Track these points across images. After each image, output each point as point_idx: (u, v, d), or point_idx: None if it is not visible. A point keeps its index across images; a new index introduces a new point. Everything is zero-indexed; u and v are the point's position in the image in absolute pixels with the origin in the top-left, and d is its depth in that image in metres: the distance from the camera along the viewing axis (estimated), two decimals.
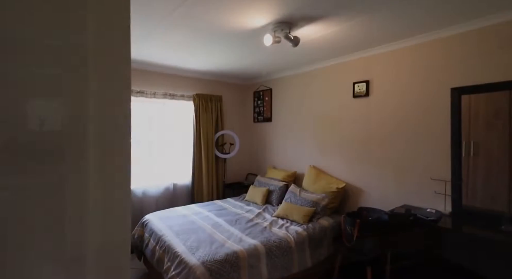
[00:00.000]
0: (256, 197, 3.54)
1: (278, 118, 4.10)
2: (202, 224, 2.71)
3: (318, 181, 3.28)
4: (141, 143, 3.59)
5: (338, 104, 3.24)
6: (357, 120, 3.04)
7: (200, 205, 3.40)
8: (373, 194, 2.89)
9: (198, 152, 3.97)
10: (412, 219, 2.21)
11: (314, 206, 2.95)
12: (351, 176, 3.10)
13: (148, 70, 3.59)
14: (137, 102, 3.52)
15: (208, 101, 4.07)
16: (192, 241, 2.31)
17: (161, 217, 2.90)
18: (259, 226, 2.71)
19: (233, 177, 4.54)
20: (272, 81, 4.19)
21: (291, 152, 3.88)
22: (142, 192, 3.56)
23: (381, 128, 2.81)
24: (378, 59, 2.83)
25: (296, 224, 2.77)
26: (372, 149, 2.89)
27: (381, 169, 2.81)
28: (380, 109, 2.82)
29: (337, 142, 3.25)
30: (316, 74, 3.49)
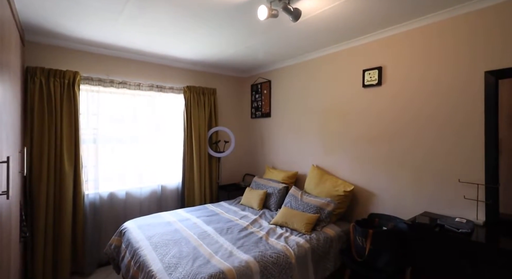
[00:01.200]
0: (253, 200, 3.15)
1: (278, 113, 3.70)
2: (187, 234, 2.33)
3: (322, 183, 2.88)
4: (124, 140, 3.21)
5: (345, 95, 2.84)
6: (367, 113, 2.64)
7: (189, 210, 3.01)
8: (386, 199, 2.49)
9: (189, 151, 3.59)
10: (438, 230, 1.82)
11: (318, 212, 2.56)
12: (360, 178, 2.70)
13: (132, 58, 3.21)
14: (118, 94, 3.14)
15: (200, 94, 3.68)
16: (171, 257, 1.92)
17: (141, 225, 2.52)
18: (253, 236, 2.32)
19: (229, 178, 4.16)
20: (271, 73, 3.79)
21: (292, 150, 3.49)
22: (125, 195, 3.18)
23: (396, 122, 2.41)
24: (393, 41, 2.43)
25: (297, 234, 2.37)
26: (386, 146, 2.49)
27: (396, 170, 2.41)
28: (395, 100, 2.42)
29: (345, 139, 2.85)
30: (320, 62, 3.10)
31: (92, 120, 2.98)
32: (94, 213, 2.97)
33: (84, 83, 2.88)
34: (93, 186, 2.96)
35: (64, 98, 2.69)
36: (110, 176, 3.11)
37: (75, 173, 2.77)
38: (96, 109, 2.99)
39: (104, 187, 3.05)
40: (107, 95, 3.08)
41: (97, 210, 2.98)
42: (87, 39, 2.71)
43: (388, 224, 2.32)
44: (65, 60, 2.79)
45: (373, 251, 2.10)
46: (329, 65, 2.99)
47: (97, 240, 2.97)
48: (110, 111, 3.10)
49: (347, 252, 2.36)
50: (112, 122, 3.11)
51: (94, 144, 2.97)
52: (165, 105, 3.53)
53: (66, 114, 2.71)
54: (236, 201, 3.42)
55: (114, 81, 3.06)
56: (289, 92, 3.51)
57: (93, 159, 2.97)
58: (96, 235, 2.98)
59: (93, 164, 2.97)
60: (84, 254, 2.83)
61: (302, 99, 3.33)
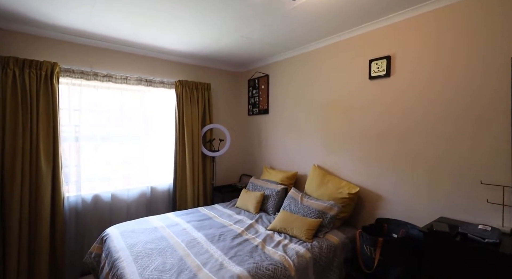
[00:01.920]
0: (249, 203, 2.91)
1: (276, 110, 3.46)
2: (174, 242, 2.08)
3: (324, 184, 2.64)
4: (110, 138, 2.97)
5: (350, 88, 2.60)
6: (374, 107, 2.40)
7: (180, 214, 2.77)
8: (396, 202, 2.25)
9: (181, 150, 3.35)
10: (459, 240, 1.57)
11: (320, 216, 2.31)
12: (366, 179, 2.46)
13: (118, 49, 2.96)
14: (103, 88, 2.90)
15: (193, 89, 3.44)
16: (153, 270, 1.68)
17: (124, 231, 2.28)
18: (248, 244, 2.08)
19: (224, 179, 3.91)
20: (269, 67, 3.55)
21: (292, 149, 3.25)
22: (111, 197, 2.93)
23: (407, 117, 2.17)
24: (403, 27, 2.19)
25: (296, 241, 2.13)
26: (395, 144, 2.25)
27: (407, 170, 2.17)
28: (406, 92, 2.18)
29: (349, 137, 2.61)
30: (322, 53, 2.86)
31: (74, 116, 2.74)
32: (76, 217, 2.73)
33: (64, 76, 2.63)
34: (75, 188, 2.72)
35: (41, 92, 2.44)
36: (94, 177, 2.87)
37: (54, 174, 2.52)
38: (78, 104, 2.75)
39: (87, 189, 2.81)
40: (91, 89, 2.83)
41: (80, 214, 2.74)
42: (65, 27, 2.47)
43: (399, 230, 2.08)
44: (42, 50, 2.55)
45: (383, 262, 1.85)
46: (332, 56, 2.75)
47: (79, 247, 2.73)
48: (94, 107, 2.86)
49: (352, 262, 2.12)
50: (96, 118, 2.87)
51: (76, 142, 2.73)
52: (155, 101, 3.29)
53: (44, 109, 2.46)
54: (232, 203, 3.18)
55: (98, 74, 2.82)
56: (288, 87, 3.27)
57: (75, 159, 2.73)
58: (79, 242, 2.73)
59: (75, 164, 2.73)
60: (64, 263, 2.58)
61: (302, 94, 3.09)
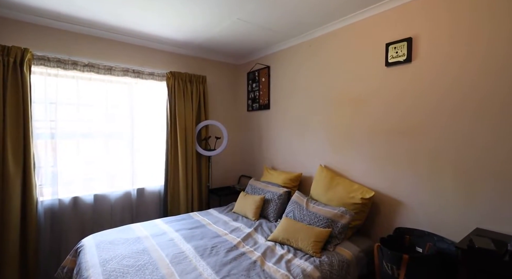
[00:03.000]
0: (247, 208, 2.59)
1: (278, 105, 3.14)
2: (157, 256, 1.76)
3: (333, 187, 2.31)
4: (92, 135, 2.65)
5: (362, 78, 2.27)
6: (392, 99, 2.07)
7: (169, 221, 2.45)
8: (418, 210, 1.92)
9: (173, 148, 3.03)
10: (509, 260, 1.25)
11: (330, 225, 1.99)
12: (382, 182, 2.13)
13: (100, 36, 2.64)
14: (84, 79, 2.59)
15: (187, 82, 3.12)
16: None
17: (100, 242, 1.96)
18: (245, 259, 1.76)
19: (221, 181, 3.59)
20: (270, 57, 3.23)
21: (295, 147, 2.92)
22: (93, 200, 2.62)
23: (433, 110, 1.84)
24: (428, 3, 1.86)
25: (302, 256, 1.81)
26: (417, 142, 1.92)
27: (433, 172, 1.84)
28: (432, 80, 1.84)
29: (361, 133, 2.28)
30: (330, 39, 2.53)
31: (50, 111, 2.42)
32: (52, 224, 2.42)
33: (38, 64, 2.32)
34: (50, 191, 2.41)
35: (8, 81, 2.13)
36: (74, 178, 2.56)
37: (25, 176, 2.21)
38: (55, 97, 2.44)
39: (65, 192, 2.50)
40: (69, 81, 2.52)
41: (56, 220, 2.43)
42: (38, 8, 2.16)
43: (424, 243, 1.75)
44: (11, 34, 2.24)
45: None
46: (342, 41, 2.42)
47: (56, 257, 2.42)
48: (73, 100, 2.54)
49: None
50: (76, 113, 2.56)
51: (52, 139, 2.42)
52: (144, 94, 2.97)
53: (12, 101, 2.16)
54: (229, 208, 2.86)
55: (78, 63, 2.50)
56: (292, 79, 2.94)
57: (51, 158, 2.42)
58: (55, 251, 2.42)
59: (51, 164, 2.42)
60: (39, 275, 2.28)
61: (308, 86, 2.76)
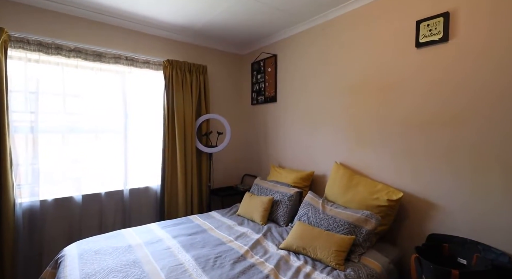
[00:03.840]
0: (254, 211, 2.30)
1: (287, 96, 2.86)
2: (150, 270, 1.48)
3: (352, 187, 2.03)
4: (79, 130, 2.37)
5: (387, 62, 1.99)
6: (423, 84, 1.79)
7: (166, 225, 2.17)
8: (457, 213, 1.64)
9: (170, 145, 2.75)
10: None
11: (352, 232, 1.70)
12: (413, 181, 1.85)
13: (88, 17, 2.36)
14: (70, 66, 2.30)
15: (186, 71, 2.84)
16: None
17: (84, 252, 1.67)
18: (256, 272, 1.47)
19: (223, 180, 3.31)
20: (277, 45, 2.95)
21: (306, 143, 2.64)
22: (81, 202, 2.33)
23: (476, 97, 1.56)
24: None
25: (323, 268, 1.52)
26: (458, 134, 1.64)
27: (475, 169, 1.56)
28: (474, 63, 1.57)
29: (385, 125, 2.00)
30: (348, 19, 2.25)
31: (30, 101, 2.14)
32: (33, 229, 2.13)
33: (16, 48, 2.04)
34: (30, 192, 2.12)
35: None
36: (58, 177, 2.27)
37: (0, 174, 1.93)
38: (36, 86, 2.15)
39: (48, 192, 2.21)
40: (53, 68, 2.24)
41: (38, 224, 2.14)
42: None
43: (469, 254, 1.47)
44: None
45: None
46: (361, 23, 2.14)
47: (37, 266, 2.13)
48: (58, 90, 2.26)
49: None
50: (61, 105, 2.27)
51: (32, 133, 2.13)
52: (139, 85, 2.68)
53: None
54: (232, 210, 2.57)
55: (63, 47, 2.22)
56: (302, 67, 2.66)
57: (31, 155, 2.13)
58: (36, 259, 2.14)
59: (31, 162, 2.13)
60: None
61: (321, 74, 2.48)
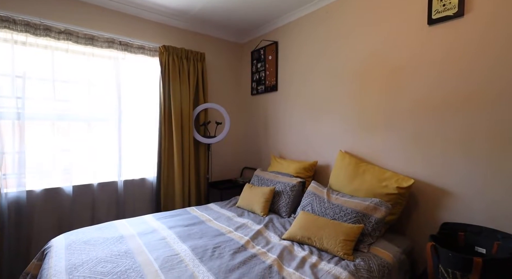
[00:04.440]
0: (254, 202, 2.19)
1: (288, 85, 2.74)
2: (143, 261, 1.36)
3: (359, 176, 1.92)
4: (70, 118, 2.24)
5: (395, 42, 1.88)
6: (435, 66, 1.68)
7: (161, 217, 2.04)
8: (472, 201, 1.53)
9: (167, 135, 2.63)
10: None
11: (361, 220, 1.59)
12: (424, 168, 1.74)
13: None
14: (59, 50, 2.17)
15: (183, 58, 2.72)
16: None
17: (72, 242, 1.55)
18: (258, 263, 1.36)
19: (222, 173, 3.19)
20: (278, 31, 2.83)
21: (309, 133, 2.53)
22: (71, 193, 2.21)
23: (494, 77, 1.45)
24: None
25: (330, 259, 1.41)
26: (473, 117, 1.53)
27: (492, 154, 1.45)
28: (492, 39, 1.46)
29: (394, 110, 1.89)
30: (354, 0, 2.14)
31: (17, 86, 2.01)
32: (19, 220, 2.00)
33: (1, 27, 1.91)
34: (16, 182, 1.99)
35: None
36: (46, 167, 2.15)
37: None
38: (23, 70, 2.03)
39: (35, 183, 2.09)
40: (42, 51, 2.11)
41: (25, 216, 2.01)
42: None
43: (488, 242, 1.36)
44: None
45: None
46: (369, 1, 2.03)
47: (24, 260, 2.01)
48: (47, 75, 2.13)
49: None
50: (50, 90, 2.14)
51: (19, 120, 2.01)
52: (133, 71, 2.56)
53: None
54: (231, 202, 2.46)
55: (52, 28, 2.09)
56: (305, 53, 2.55)
57: (18, 143, 2.00)
58: (22, 253, 2.01)
59: (17, 150, 2.01)
60: None
61: (324, 60, 2.37)
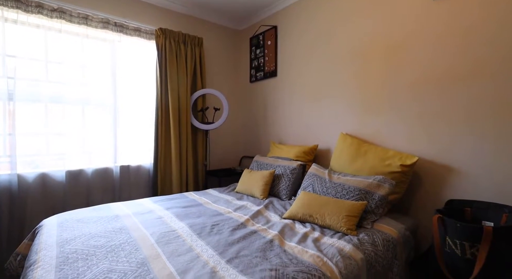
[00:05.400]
0: (254, 186, 2.13)
1: (288, 70, 2.69)
2: (139, 236, 1.30)
3: (361, 156, 1.87)
4: (64, 100, 2.17)
5: (398, 19, 1.83)
6: (440, 40, 1.63)
7: (158, 200, 1.99)
8: (479, 178, 1.48)
9: (164, 120, 2.57)
10: None
11: (364, 198, 1.54)
12: (428, 146, 1.69)
13: None
14: (52, 30, 2.11)
15: (180, 42, 2.66)
16: None
17: (65, 221, 1.49)
18: (258, 238, 1.30)
19: (221, 162, 3.14)
20: (278, 15, 2.79)
21: (309, 117, 2.48)
22: (64, 178, 2.14)
23: (500, 43, 1.41)
24: None
25: (332, 234, 1.36)
26: (479, 89, 1.48)
27: (500, 128, 1.41)
28: (497, 8, 1.42)
29: (402, 87, 1.84)
30: None
31: (8, 65, 1.95)
32: (9, 205, 1.93)
33: None
34: (8, 165, 1.93)
35: None
36: (38, 150, 2.08)
37: None
38: (15, 49, 1.96)
39: (27, 167, 2.02)
40: (34, 31, 2.05)
41: (15, 201, 1.94)
42: None
43: (497, 216, 1.31)
44: None
45: (493, 266, 1.08)
46: None
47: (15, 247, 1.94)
48: (39, 55, 2.07)
49: (423, 266, 1.35)
50: (43, 71, 2.08)
51: (10, 101, 1.94)
52: (130, 55, 2.50)
53: None
54: (230, 188, 2.40)
55: (44, 5, 2.03)
56: (305, 36, 2.50)
57: (8, 125, 1.94)
58: (13, 239, 1.95)
59: (8, 132, 1.94)
60: None
61: (326, 41, 2.33)
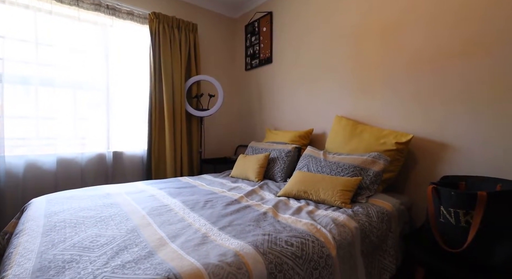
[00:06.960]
0: (249, 169, 2.11)
1: (283, 55, 2.68)
2: (130, 210, 1.27)
3: (356, 136, 1.86)
4: (54, 84, 2.13)
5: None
6: (435, 18, 1.63)
7: (151, 182, 1.96)
8: (474, 153, 1.47)
9: (157, 107, 2.54)
10: None
11: (359, 174, 1.53)
12: (424, 125, 1.68)
13: None
14: (42, 12, 2.07)
15: (174, 28, 2.64)
16: (70, 246, 0.87)
17: (55, 198, 1.45)
18: (251, 211, 1.28)
19: (216, 151, 3.11)
20: (273, 1, 2.78)
21: (304, 103, 2.47)
22: (55, 163, 2.10)
23: (491, 19, 1.41)
24: None
25: (327, 208, 1.35)
26: (473, 64, 1.48)
27: (494, 102, 1.40)
28: None
29: (397, 66, 1.83)
30: None
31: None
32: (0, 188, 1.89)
33: None
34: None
35: None
36: (26, 134, 2.04)
37: None
38: (3, 29, 1.92)
39: (13, 150, 1.98)
40: (23, 11, 2.01)
41: (4, 186, 1.90)
42: None
43: (493, 187, 1.31)
44: None
45: (487, 232, 1.08)
46: None
47: None
48: (29, 36, 2.03)
49: (417, 238, 1.34)
50: (32, 53, 2.04)
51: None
52: (122, 39, 2.46)
53: None
54: (225, 174, 2.38)
55: None
56: (300, 21, 2.49)
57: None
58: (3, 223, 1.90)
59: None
60: None
61: (320, 26, 2.32)
